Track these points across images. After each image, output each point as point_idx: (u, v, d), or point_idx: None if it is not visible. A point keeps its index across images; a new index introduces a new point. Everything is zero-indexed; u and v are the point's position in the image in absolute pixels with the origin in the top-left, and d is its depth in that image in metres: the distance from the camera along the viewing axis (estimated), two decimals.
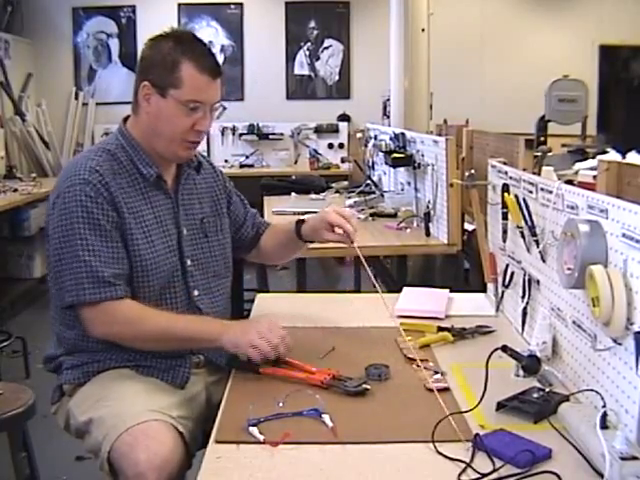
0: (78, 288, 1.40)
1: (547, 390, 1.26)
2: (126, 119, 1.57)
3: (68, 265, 1.41)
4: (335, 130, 6.40)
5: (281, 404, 1.23)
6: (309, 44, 6.50)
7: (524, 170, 1.83)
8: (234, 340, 1.39)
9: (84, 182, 1.44)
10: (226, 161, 6.25)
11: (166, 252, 1.50)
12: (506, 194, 1.68)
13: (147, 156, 1.52)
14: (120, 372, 1.47)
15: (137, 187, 1.50)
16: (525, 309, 1.60)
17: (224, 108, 1.64)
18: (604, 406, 1.11)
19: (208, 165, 1.72)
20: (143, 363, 1.47)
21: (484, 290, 1.96)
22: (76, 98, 6.42)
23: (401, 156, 3.18)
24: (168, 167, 1.57)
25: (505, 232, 1.72)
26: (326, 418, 1.18)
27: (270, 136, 6.31)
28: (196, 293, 1.54)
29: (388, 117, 5.45)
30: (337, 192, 4.04)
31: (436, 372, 1.40)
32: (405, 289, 1.98)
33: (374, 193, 3.69)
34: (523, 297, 1.60)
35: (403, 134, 3.32)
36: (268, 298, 1.95)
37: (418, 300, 1.88)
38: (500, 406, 1.23)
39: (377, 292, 1.63)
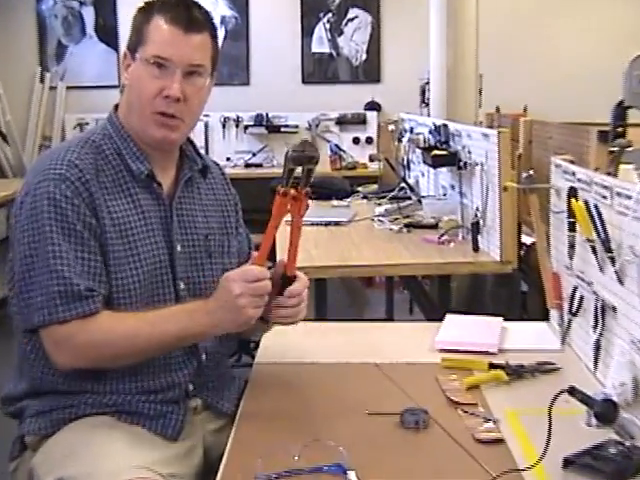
0: (50, 305, 1.38)
1: (627, 444, 1.25)
2: (116, 107, 1.58)
3: (37, 277, 1.39)
4: (362, 121, 6.42)
5: (296, 457, 1.24)
6: (330, 15, 6.51)
7: (596, 170, 1.83)
8: (228, 325, 1.39)
9: (60, 178, 1.42)
10: (228, 159, 6.26)
11: (155, 271, 1.49)
12: (573, 200, 1.68)
13: (138, 149, 1.52)
14: (97, 420, 1.45)
15: (124, 187, 1.50)
16: (598, 342, 1.60)
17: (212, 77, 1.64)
18: None
19: (218, 172, 1.73)
20: (126, 408, 1.46)
21: (546, 318, 1.96)
22: (41, 81, 6.27)
23: (443, 153, 3.19)
24: (165, 165, 1.57)
25: (572, 247, 1.72)
26: (352, 475, 1.18)
27: (282, 129, 6.33)
28: (182, 289, 1.54)
29: (427, 105, 5.47)
30: (364, 198, 4.07)
31: (487, 419, 1.40)
32: (448, 317, 1.99)
33: (410, 199, 3.71)
34: (595, 327, 1.60)
35: (445, 126, 3.34)
36: (279, 328, 1.96)
37: (464, 330, 1.89)
38: (568, 463, 1.23)
39: (414, 320, 1.66)
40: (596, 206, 1.58)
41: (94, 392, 1.46)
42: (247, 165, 6.25)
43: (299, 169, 1.39)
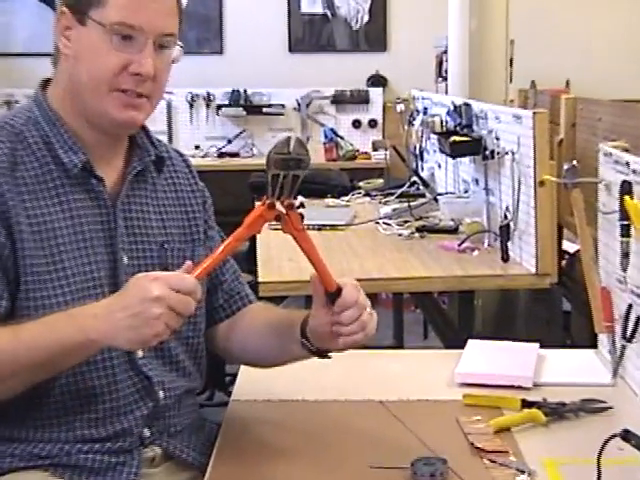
0: None
1: None
2: (46, 83, 1.58)
3: None
4: (364, 100, 6.44)
5: None
6: None
7: None
8: (123, 335, 1.30)
9: None
10: (197, 148, 6.28)
11: (89, 290, 1.48)
12: (627, 197, 1.68)
13: (71, 136, 1.52)
14: (27, 476, 1.44)
15: (50, 185, 1.49)
16: None
17: (181, 47, 1.63)
18: None
19: (181, 164, 1.73)
20: (64, 461, 1.46)
21: (594, 345, 1.97)
22: None
23: (465, 140, 3.20)
24: (109, 157, 1.57)
25: (626, 256, 1.72)
26: None
27: (264, 109, 6.35)
28: (140, 354, 1.55)
29: (445, 80, 5.49)
30: (367, 195, 4.07)
31: (520, 471, 1.39)
32: (471, 343, 2.00)
33: (423, 196, 3.71)
34: None
35: (468, 106, 3.34)
36: None
37: (491, 360, 1.89)
38: None
39: (428, 347, 1.67)
40: None
41: (22, 440, 1.45)
42: (221, 154, 6.27)
43: (284, 174, 1.38)
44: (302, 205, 1.42)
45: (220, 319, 1.74)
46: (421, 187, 3.87)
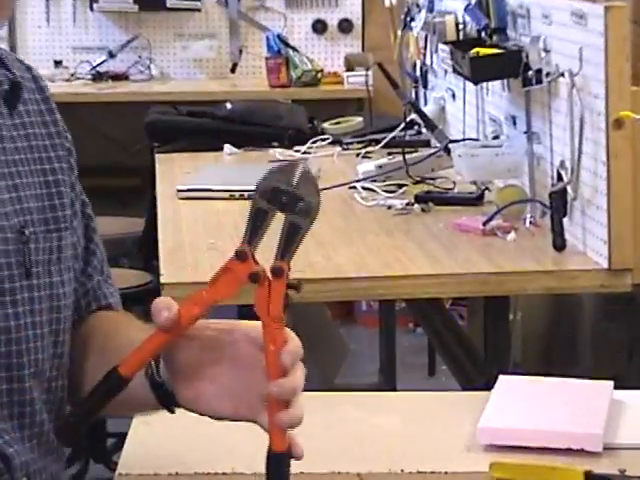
0: None
1: None
2: None
3: None
4: None
5: None
6: None
7: None
8: None
9: None
10: (58, 64, 6.32)
11: None
12: None
13: None
14: None
15: None
16: None
17: None
18: None
19: (31, 87, 1.72)
20: None
21: None
22: None
23: (494, 53, 3.24)
24: None
25: None
26: None
27: (168, 2, 6.43)
28: None
29: None
30: (337, 143, 4.15)
31: None
32: (504, 380, 2.01)
33: (427, 145, 3.80)
34: None
35: None
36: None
37: (535, 408, 1.89)
38: None
39: (435, 389, 1.69)
40: None
41: None
42: (97, 76, 6.29)
43: (278, 215, 1.41)
44: (298, 286, 1.42)
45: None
46: (424, 130, 3.91)
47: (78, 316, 1.75)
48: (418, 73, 4.20)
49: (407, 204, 3.27)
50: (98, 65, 6.30)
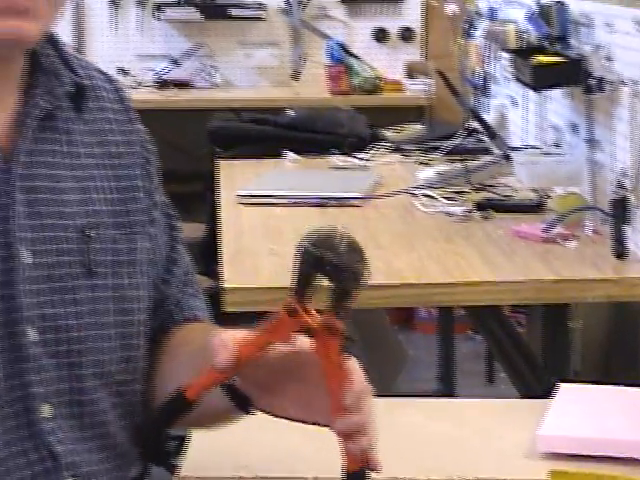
0: None
1: None
2: None
3: None
4: None
5: None
6: None
7: None
8: None
9: None
10: (123, 72, 6.44)
11: None
12: None
13: None
14: None
15: None
16: None
17: None
18: None
19: (110, 94, 1.74)
20: None
21: None
22: None
23: (556, 61, 3.25)
24: None
25: None
26: None
27: (232, 11, 6.56)
28: (46, 412, 1.56)
29: None
30: (398, 150, 4.15)
31: None
32: (564, 389, 2.01)
33: (488, 153, 3.80)
34: None
35: (561, 5, 3.41)
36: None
37: (597, 416, 1.90)
38: None
39: (493, 395, 1.67)
40: None
41: None
42: (162, 84, 6.43)
43: (325, 282, 1.41)
44: (352, 338, 1.46)
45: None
46: (484, 138, 3.93)
47: (161, 326, 1.78)
48: (479, 81, 4.20)
49: (467, 211, 3.27)
50: (162, 73, 6.49)
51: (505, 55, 3.87)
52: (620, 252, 2.81)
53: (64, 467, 1.56)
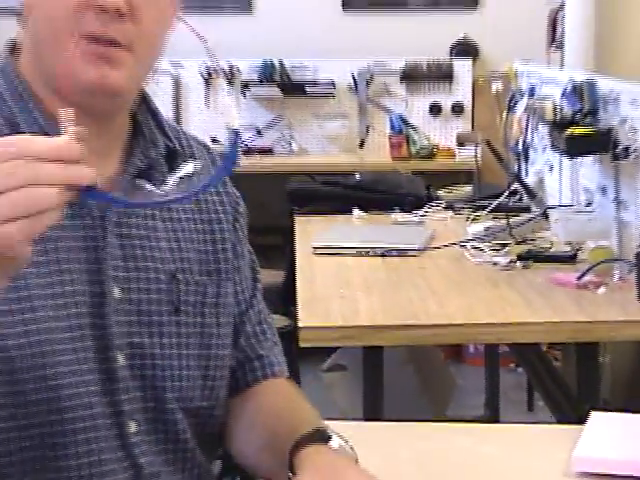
0: None
1: None
2: (15, 46, 1.59)
3: None
4: (445, 76, 6.48)
5: None
6: None
7: None
8: None
9: None
10: (215, 141, 6.25)
11: (62, 332, 1.49)
12: None
13: (44, 114, 1.52)
14: None
15: None
16: None
17: None
18: None
19: (206, 159, 1.76)
20: None
21: None
22: None
23: (588, 132, 3.23)
24: (99, 147, 1.52)
25: None
26: None
27: (308, 88, 6.45)
28: (133, 428, 1.56)
29: (560, 48, 5.46)
30: (450, 208, 4.13)
31: None
32: (596, 416, 1.97)
33: (528, 211, 3.75)
34: None
35: (592, 84, 3.37)
36: None
37: (627, 440, 1.86)
38: None
39: (533, 422, 1.67)
40: None
41: None
42: (247, 151, 6.30)
43: None
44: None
45: (231, 403, 1.74)
46: (525, 198, 3.93)
47: (244, 378, 1.75)
48: (520, 149, 4.19)
49: (510, 261, 3.25)
50: (248, 141, 6.34)
51: (543, 127, 3.79)
52: None
53: (146, 477, 1.55)
